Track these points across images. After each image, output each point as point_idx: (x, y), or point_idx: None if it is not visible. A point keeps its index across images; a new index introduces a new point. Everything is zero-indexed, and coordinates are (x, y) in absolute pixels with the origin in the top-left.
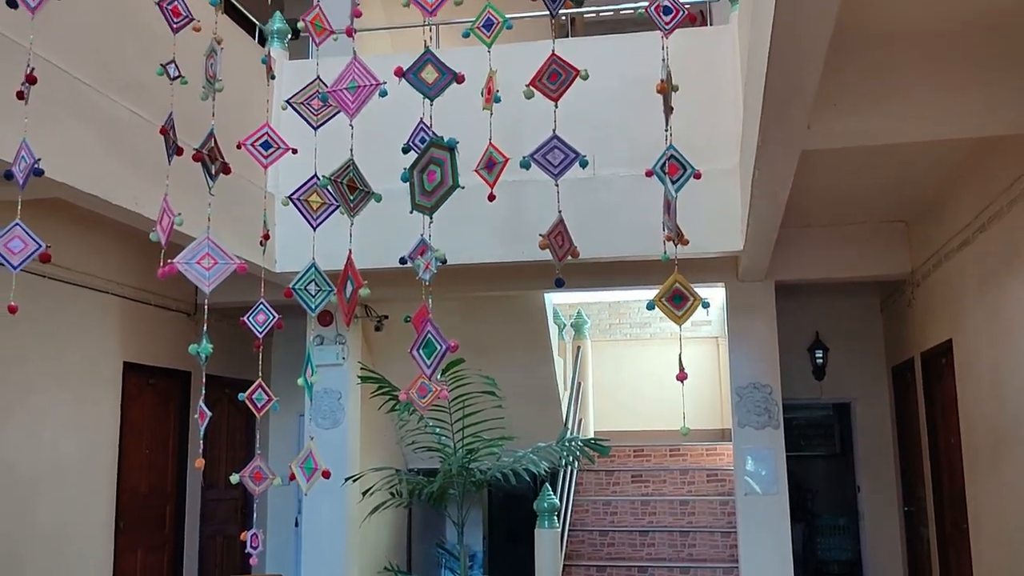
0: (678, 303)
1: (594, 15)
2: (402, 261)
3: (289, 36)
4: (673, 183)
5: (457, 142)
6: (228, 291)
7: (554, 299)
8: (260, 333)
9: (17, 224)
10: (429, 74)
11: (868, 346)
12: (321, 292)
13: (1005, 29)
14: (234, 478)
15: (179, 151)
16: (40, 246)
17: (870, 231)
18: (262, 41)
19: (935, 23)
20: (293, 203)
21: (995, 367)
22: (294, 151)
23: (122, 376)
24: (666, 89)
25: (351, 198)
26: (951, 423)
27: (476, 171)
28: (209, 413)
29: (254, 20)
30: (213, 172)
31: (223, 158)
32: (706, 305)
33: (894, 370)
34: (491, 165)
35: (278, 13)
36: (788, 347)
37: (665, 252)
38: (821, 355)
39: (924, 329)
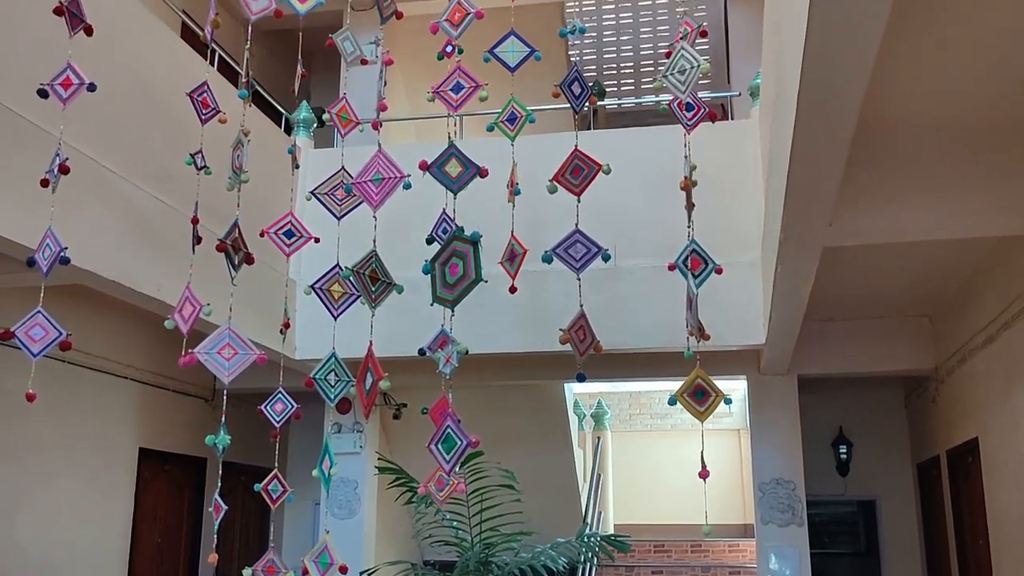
0: (700, 399)
1: (616, 106)
2: (421, 353)
3: (315, 125)
4: (695, 277)
5: (480, 236)
6: (247, 377)
7: (574, 389)
8: (278, 423)
9: (39, 311)
10: (453, 168)
11: (893, 442)
12: (340, 382)
13: None
14: (247, 572)
15: (198, 240)
16: (61, 334)
17: (893, 325)
18: (288, 129)
19: (956, 122)
20: (315, 292)
21: (1023, 467)
22: (316, 240)
23: (137, 462)
24: (689, 186)
25: (373, 289)
26: (979, 524)
27: (500, 263)
28: (224, 507)
29: (281, 109)
30: (236, 262)
31: (246, 248)
32: (728, 402)
33: (919, 467)
34: (512, 257)
35: (304, 103)
36: (811, 442)
37: (688, 349)
38: (845, 450)
39: (949, 426)
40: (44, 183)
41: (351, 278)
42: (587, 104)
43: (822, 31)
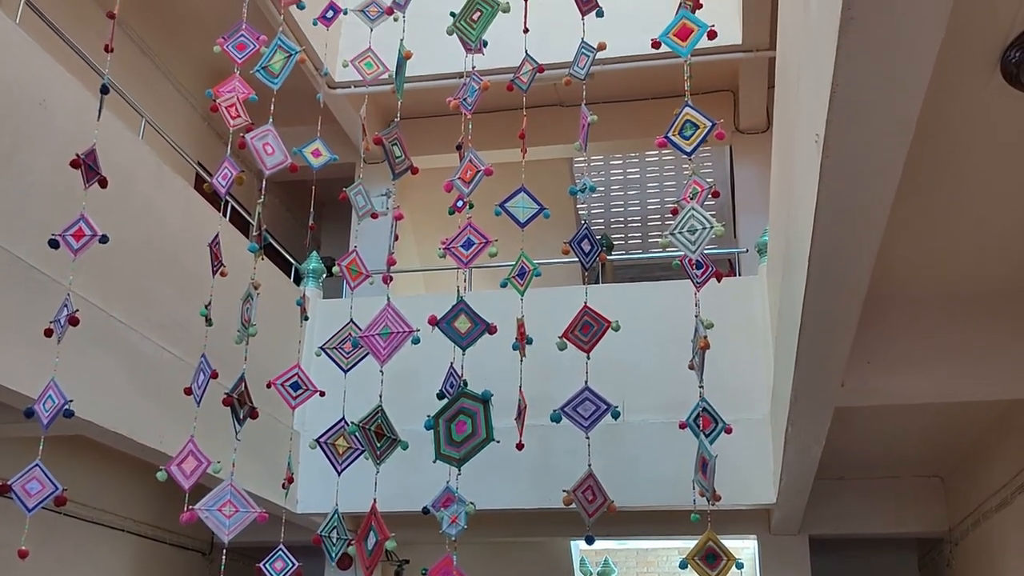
0: (712, 562)
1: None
2: (425, 511)
3: (324, 275)
4: (706, 435)
5: (491, 395)
6: (246, 531)
7: (581, 545)
8: None
9: (37, 465)
10: (462, 324)
11: None
12: (341, 541)
13: None
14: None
15: (239, 420)
16: (57, 488)
17: (905, 486)
18: (297, 279)
19: (967, 283)
20: (320, 447)
21: None
22: (322, 394)
23: None
24: (707, 346)
25: (378, 445)
26: None
27: (515, 420)
28: None
29: (291, 259)
30: (241, 417)
31: (252, 402)
32: (740, 566)
33: None
34: (519, 413)
35: (315, 252)
36: None
37: (695, 512)
38: None
39: None
40: (48, 333)
41: (357, 433)
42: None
43: (832, 205)
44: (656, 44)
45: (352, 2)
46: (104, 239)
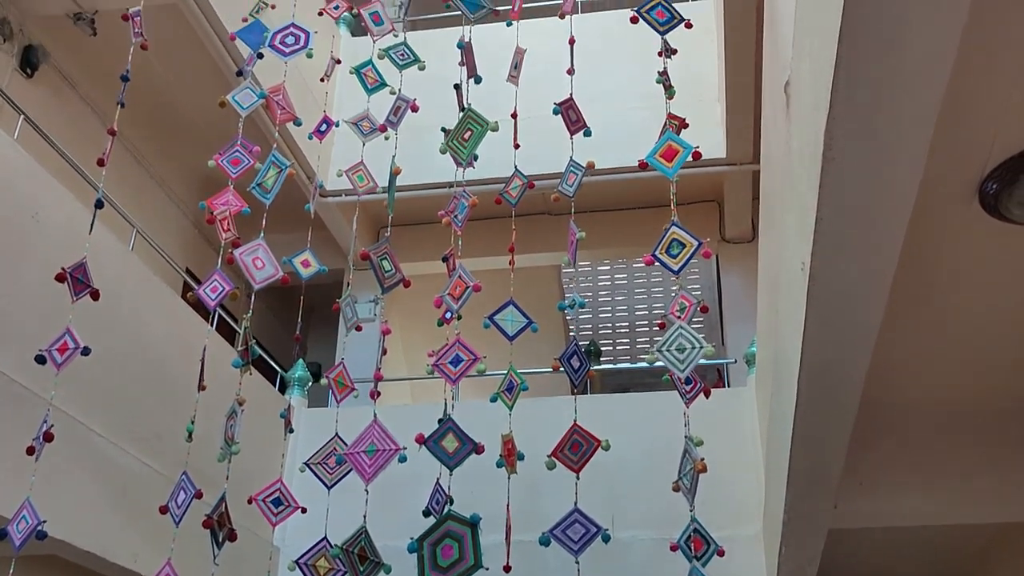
0: None
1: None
2: None
3: (310, 384)
4: (698, 559)
5: (480, 518)
6: None
7: None
8: None
9: None
10: (450, 443)
11: None
12: None
13: None
14: None
15: (219, 542)
16: None
17: None
18: (283, 387)
19: (959, 405)
20: (299, 568)
21: None
22: (303, 510)
23: None
24: (703, 468)
25: (361, 569)
26: None
27: (504, 540)
28: None
29: (276, 368)
30: (220, 540)
31: (231, 524)
32: None
33: None
34: (507, 533)
35: (300, 360)
36: None
37: None
38: None
39: None
40: (30, 451)
41: (340, 556)
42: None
43: (820, 331)
44: (643, 165)
45: (345, 112)
46: (86, 351)
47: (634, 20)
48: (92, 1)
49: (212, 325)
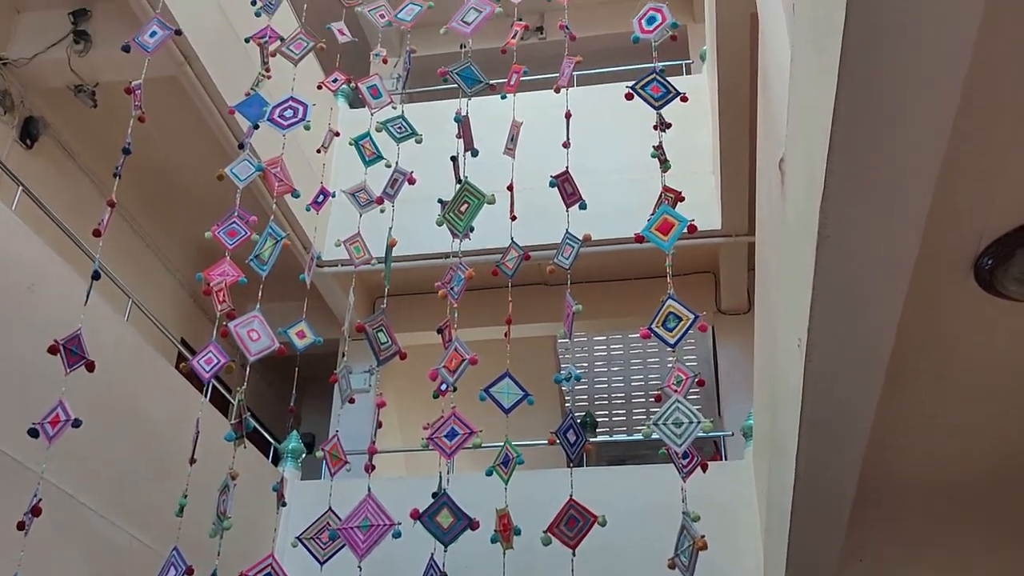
0: None
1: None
2: None
3: (303, 455)
4: None
5: None
6: None
7: None
8: None
9: None
10: (444, 518)
11: None
12: None
13: None
14: None
15: None
16: None
17: None
18: (276, 458)
19: (961, 481)
20: None
21: None
22: None
23: None
24: (703, 545)
25: None
26: None
27: None
28: None
29: (270, 439)
30: None
31: None
32: None
33: None
34: None
35: (294, 432)
36: None
37: None
38: None
39: None
40: (20, 526)
41: None
42: (581, 450)
43: (817, 407)
44: (639, 239)
45: (343, 183)
46: (77, 423)
47: (629, 97)
48: (93, 73)
49: (206, 397)
